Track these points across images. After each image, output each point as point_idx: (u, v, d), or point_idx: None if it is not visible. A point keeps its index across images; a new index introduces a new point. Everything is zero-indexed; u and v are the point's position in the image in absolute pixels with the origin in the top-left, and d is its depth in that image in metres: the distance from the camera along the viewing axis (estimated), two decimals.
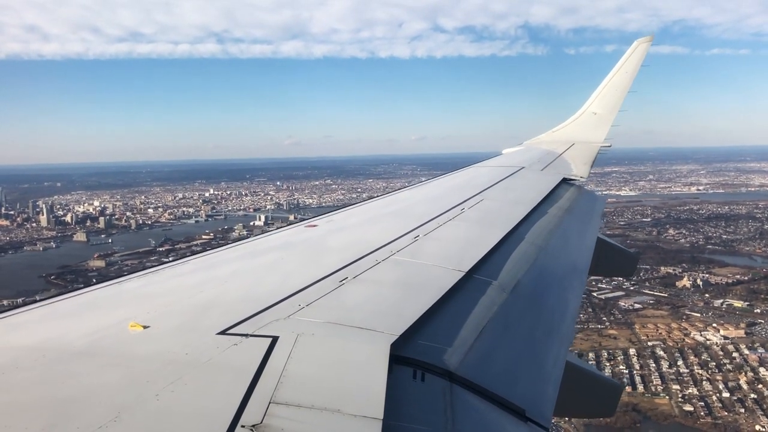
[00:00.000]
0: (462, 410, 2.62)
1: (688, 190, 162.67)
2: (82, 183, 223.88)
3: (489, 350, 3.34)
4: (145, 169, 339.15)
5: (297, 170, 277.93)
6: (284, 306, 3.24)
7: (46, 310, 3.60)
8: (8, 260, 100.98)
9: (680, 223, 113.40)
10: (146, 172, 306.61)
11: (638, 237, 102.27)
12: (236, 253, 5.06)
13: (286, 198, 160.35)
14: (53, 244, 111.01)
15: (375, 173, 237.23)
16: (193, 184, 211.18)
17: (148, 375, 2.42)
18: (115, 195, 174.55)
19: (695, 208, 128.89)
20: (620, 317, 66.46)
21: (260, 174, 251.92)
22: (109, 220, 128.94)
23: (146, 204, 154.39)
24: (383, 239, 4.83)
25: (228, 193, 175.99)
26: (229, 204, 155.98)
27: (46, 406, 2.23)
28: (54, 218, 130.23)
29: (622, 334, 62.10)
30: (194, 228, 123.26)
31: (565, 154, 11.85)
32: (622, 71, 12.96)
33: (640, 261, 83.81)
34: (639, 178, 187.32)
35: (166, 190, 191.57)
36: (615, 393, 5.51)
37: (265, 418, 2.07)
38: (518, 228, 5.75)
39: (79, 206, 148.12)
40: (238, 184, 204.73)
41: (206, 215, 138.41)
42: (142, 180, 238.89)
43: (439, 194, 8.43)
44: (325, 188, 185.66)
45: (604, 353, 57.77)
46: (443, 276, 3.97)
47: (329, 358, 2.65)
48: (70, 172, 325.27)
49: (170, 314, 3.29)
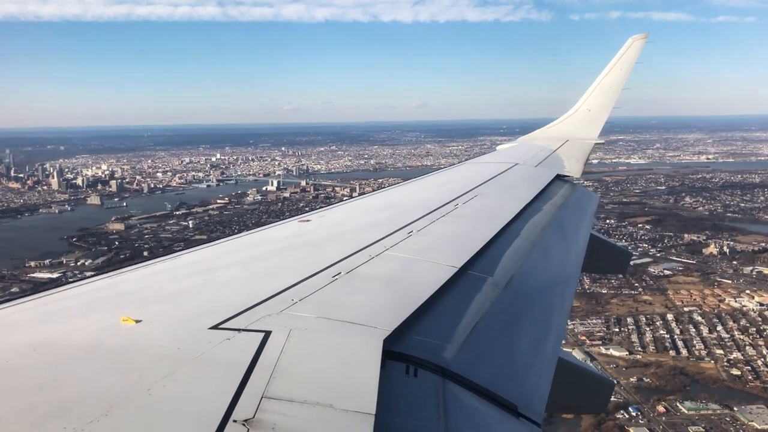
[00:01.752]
0: (454, 406, 2.62)
1: (697, 159, 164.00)
2: (85, 147, 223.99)
3: (482, 346, 3.35)
4: (146, 133, 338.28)
5: (299, 136, 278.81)
6: (277, 301, 3.23)
7: (37, 304, 3.59)
8: (27, 222, 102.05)
9: (695, 191, 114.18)
10: (147, 136, 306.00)
11: (655, 204, 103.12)
12: (229, 248, 5.06)
13: (293, 164, 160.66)
14: (68, 207, 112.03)
15: (379, 140, 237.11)
16: (197, 148, 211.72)
17: (140, 369, 2.42)
18: (120, 159, 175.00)
19: (708, 176, 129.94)
20: (652, 283, 67.25)
21: (263, 139, 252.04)
22: (120, 183, 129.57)
23: (154, 168, 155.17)
24: (377, 235, 4.83)
25: (234, 158, 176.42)
26: (238, 169, 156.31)
27: (38, 400, 2.22)
28: (65, 181, 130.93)
29: (656, 299, 62.94)
30: (206, 192, 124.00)
31: (559, 150, 11.88)
32: (616, 68, 12.91)
33: (663, 228, 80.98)
34: (646, 147, 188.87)
35: (170, 154, 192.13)
36: (606, 389, 5.55)
37: (257, 412, 2.07)
38: (512, 224, 5.77)
39: (87, 170, 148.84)
40: (243, 149, 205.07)
41: (217, 180, 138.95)
42: (144, 144, 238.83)
43: (432, 190, 8.44)
44: (332, 154, 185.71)
45: (642, 318, 58.62)
46: (436, 272, 3.97)
47: (322, 353, 2.66)
48: (71, 135, 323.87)
49: (163, 309, 3.28)
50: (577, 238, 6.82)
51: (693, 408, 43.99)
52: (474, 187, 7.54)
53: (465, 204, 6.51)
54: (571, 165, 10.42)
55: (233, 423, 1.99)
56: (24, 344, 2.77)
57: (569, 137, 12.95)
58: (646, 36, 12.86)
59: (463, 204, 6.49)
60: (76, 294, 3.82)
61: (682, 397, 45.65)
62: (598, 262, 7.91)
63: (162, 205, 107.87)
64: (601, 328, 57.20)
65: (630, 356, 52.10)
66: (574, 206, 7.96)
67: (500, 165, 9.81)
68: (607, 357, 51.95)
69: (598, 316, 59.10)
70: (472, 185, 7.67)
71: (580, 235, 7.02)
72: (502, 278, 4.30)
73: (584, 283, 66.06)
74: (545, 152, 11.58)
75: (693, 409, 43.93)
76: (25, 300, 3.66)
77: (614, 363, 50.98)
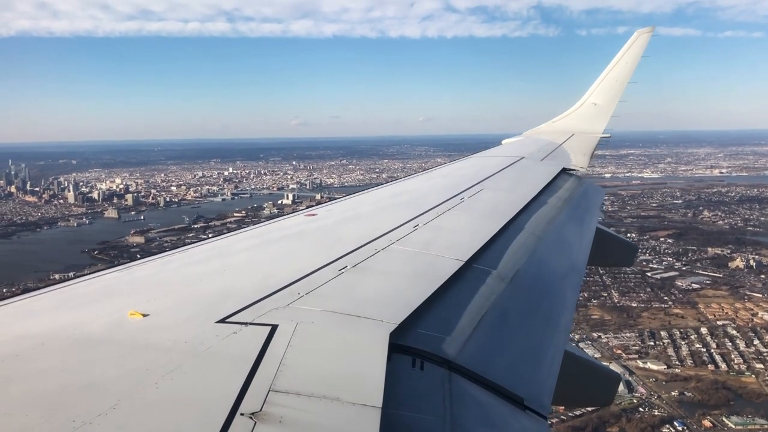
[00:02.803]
0: (461, 399, 2.62)
1: (710, 173, 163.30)
2: (97, 161, 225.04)
3: (488, 339, 3.35)
4: (156, 148, 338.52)
5: (309, 150, 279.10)
6: (284, 294, 3.24)
7: (44, 299, 3.61)
8: (47, 235, 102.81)
9: (713, 205, 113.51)
10: (158, 150, 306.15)
11: (674, 218, 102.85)
12: (235, 242, 5.06)
13: (305, 177, 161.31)
14: (86, 220, 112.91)
15: (388, 153, 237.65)
16: (209, 162, 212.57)
17: (147, 363, 2.43)
18: (133, 173, 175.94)
19: (723, 190, 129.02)
20: (681, 297, 66.85)
21: (274, 154, 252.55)
22: (136, 197, 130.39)
23: (167, 182, 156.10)
24: (383, 228, 4.83)
25: (247, 172, 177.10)
26: (251, 183, 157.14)
27: (46, 393, 2.23)
28: (81, 195, 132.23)
29: (687, 313, 62.50)
30: (222, 206, 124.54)
31: (565, 144, 11.81)
32: (622, 62, 12.86)
33: (685, 242, 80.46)
34: (657, 161, 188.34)
35: (182, 168, 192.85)
36: (613, 382, 5.52)
37: (264, 406, 2.07)
38: (518, 218, 5.76)
39: (102, 183, 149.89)
40: (254, 163, 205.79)
41: (231, 194, 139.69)
42: (155, 158, 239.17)
43: (438, 184, 8.42)
44: (343, 168, 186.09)
45: (676, 332, 58.21)
46: (443, 265, 3.97)
47: (328, 347, 2.66)
48: (81, 150, 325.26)
49: (169, 303, 3.29)
50: (583, 232, 6.79)
51: (740, 423, 43.32)
52: (480, 181, 7.54)
53: (471, 198, 6.50)
54: (577, 159, 10.37)
55: (240, 416, 1.99)
56: (32, 337, 2.79)
57: (575, 131, 12.86)
58: (651, 30, 12.83)
59: (469, 198, 6.48)
60: (83, 288, 3.84)
61: (727, 411, 45.14)
62: (604, 256, 7.89)
63: (179, 218, 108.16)
64: (635, 341, 56.87)
65: (668, 370, 51.72)
66: (580, 200, 7.93)
67: (506, 159, 9.77)
68: (645, 371, 51.62)
69: (631, 330, 58.83)
70: (478, 179, 7.66)
71: (587, 228, 6.99)
72: (508, 272, 4.29)
73: (613, 296, 66.25)
74: (551, 146, 11.53)
75: (740, 424, 43.28)
76: (32, 295, 3.68)
77: (653, 377, 50.66)
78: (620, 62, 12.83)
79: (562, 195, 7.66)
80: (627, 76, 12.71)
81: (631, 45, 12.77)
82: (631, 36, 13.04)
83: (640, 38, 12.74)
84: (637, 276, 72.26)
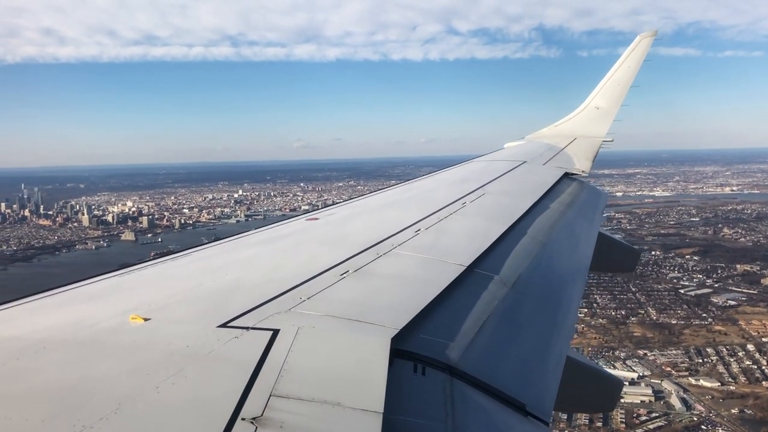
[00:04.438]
0: (462, 404, 2.61)
1: (721, 190, 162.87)
2: (104, 184, 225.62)
3: (490, 345, 3.33)
4: (161, 171, 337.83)
5: (314, 172, 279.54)
6: (285, 299, 3.24)
7: (45, 302, 3.61)
8: (67, 259, 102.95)
9: (731, 222, 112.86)
10: (163, 174, 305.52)
11: (695, 236, 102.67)
12: (237, 247, 5.06)
13: (316, 199, 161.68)
14: (103, 243, 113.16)
15: (394, 174, 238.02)
16: (217, 185, 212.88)
17: (148, 367, 2.43)
18: (143, 196, 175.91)
19: (738, 208, 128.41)
20: (720, 314, 66.40)
21: (280, 176, 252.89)
22: (151, 219, 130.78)
23: (179, 204, 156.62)
24: (384, 233, 4.82)
25: (256, 194, 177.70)
26: (262, 205, 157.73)
27: (47, 397, 2.23)
28: (95, 218, 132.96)
29: (730, 330, 62.05)
30: (237, 227, 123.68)
31: (567, 148, 11.76)
32: (624, 66, 12.82)
33: (711, 259, 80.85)
34: (666, 179, 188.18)
35: (191, 191, 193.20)
36: (615, 388, 5.49)
37: (265, 411, 2.07)
38: (520, 222, 5.74)
39: (113, 206, 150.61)
40: (261, 186, 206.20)
41: (245, 215, 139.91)
42: (162, 182, 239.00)
43: (440, 188, 8.40)
44: (351, 189, 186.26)
45: (723, 349, 57.87)
46: (444, 270, 3.95)
47: (330, 352, 2.65)
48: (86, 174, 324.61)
49: (171, 307, 3.29)
50: (585, 237, 6.77)
51: None
52: (482, 185, 7.51)
53: (473, 202, 6.48)
54: (579, 163, 10.33)
55: (241, 421, 1.99)
56: (33, 342, 2.79)
57: (577, 135, 12.80)
58: (654, 33, 12.79)
59: (471, 202, 6.46)
60: (85, 292, 3.84)
61: None
62: (606, 261, 7.84)
63: (196, 240, 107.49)
64: (683, 358, 56.72)
65: (722, 387, 51.31)
66: (582, 204, 7.89)
67: (508, 163, 9.74)
68: (699, 388, 51.38)
69: (676, 347, 58.75)
70: (480, 183, 7.64)
71: (589, 233, 6.97)
72: (510, 277, 4.28)
73: (651, 314, 66.45)
74: (553, 150, 11.49)
75: None
76: (33, 298, 3.69)
77: (708, 394, 50.39)
78: (623, 66, 12.80)
79: (565, 199, 7.63)
80: (629, 79, 12.65)
81: (633, 49, 12.74)
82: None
83: (643, 42, 12.71)
84: (670, 293, 72.69)
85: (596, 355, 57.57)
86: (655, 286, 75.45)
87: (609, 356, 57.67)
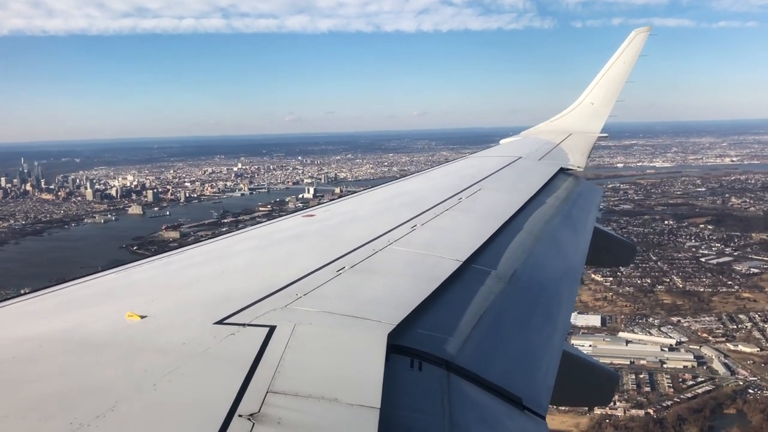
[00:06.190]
0: (459, 399, 2.62)
1: (721, 161, 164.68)
2: (99, 159, 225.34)
3: (486, 339, 3.34)
4: (154, 145, 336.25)
5: (309, 145, 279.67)
6: (282, 296, 3.24)
7: (42, 300, 3.61)
8: (77, 232, 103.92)
9: (737, 192, 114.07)
10: (157, 148, 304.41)
11: (704, 205, 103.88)
12: (232, 243, 5.06)
13: (316, 172, 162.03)
14: (111, 217, 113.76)
15: (391, 147, 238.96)
16: (213, 159, 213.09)
17: (145, 365, 2.43)
18: (141, 170, 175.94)
19: (742, 178, 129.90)
20: (745, 281, 67.55)
21: (275, 149, 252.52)
22: (156, 193, 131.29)
23: (179, 178, 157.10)
24: (381, 229, 4.83)
25: (256, 168, 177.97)
26: (263, 178, 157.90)
27: (44, 395, 2.23)
28: (98, 192, 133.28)
29: (758, 297, 63.04)
30: (243, 201, 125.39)
31: (562, 144, 11.84)
32: (619, 62, 12.84)
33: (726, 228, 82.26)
34: (664, 151, 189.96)
35: (189, 165, 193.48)
36: (611, 382, 5.55)
37: (262, 407, 2.07)
38: (516, 217, 5.76)
39: (113, 180, 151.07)
40: (259, 159, 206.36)
41: (248, 189, 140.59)
42: (158, 156, 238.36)
43: (436, 184, 8.42)
44: (350, 162, 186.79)
45: (755, 315, 58.75)
46: (441, 265, 3.96)
47: (326, 348, 2.66)
48: (79, 148, 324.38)
49: (167, 304, 3.29)
50: (581, 232, 6.79)
51: None
52: (478, 181, 7.55)
53: (469, 198, 6.50)
54: (574, 158, 10.39)
55: (239, 417, 2.00)
56: (30, 339, 2.80)
57: (572, 131, 12.90)
58: (648, 29, 12.82)
59: (467, 198, 6.49)
60: (81, 290, 3.84)
61: None
62: (602, 256, 7.92)
63: (204, 213, 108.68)
64: (717, 325, 57.54)
65: (762, 352, 52.14)
66: (578, 199, 7.94)
67: (504, 158, 9.80)
68: (739, 353, 52.18)
69: (708, 314, 59.61)
70: (476, 179, 7.68)
71: (585, 228, 7.00)
72: (506, 272, 4.28)
73: (676, 282, 67.71)
74: (548, 146, 11.56)
75: None
76: (30, 297, 3.68)
77: (749, 359, 51.22)
78: (617, 62, 12.83)
79: (560, 195, 7.68)
80: (624, 75, 12.70)
81: (628, 44, 12.78)
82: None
83: (638, 38, 12.74)
84: (692, 262, 73.94)
85: (630, 323, 58.59)
86: (675, 255, 76.70)
87: (643, 323, 58.63)
